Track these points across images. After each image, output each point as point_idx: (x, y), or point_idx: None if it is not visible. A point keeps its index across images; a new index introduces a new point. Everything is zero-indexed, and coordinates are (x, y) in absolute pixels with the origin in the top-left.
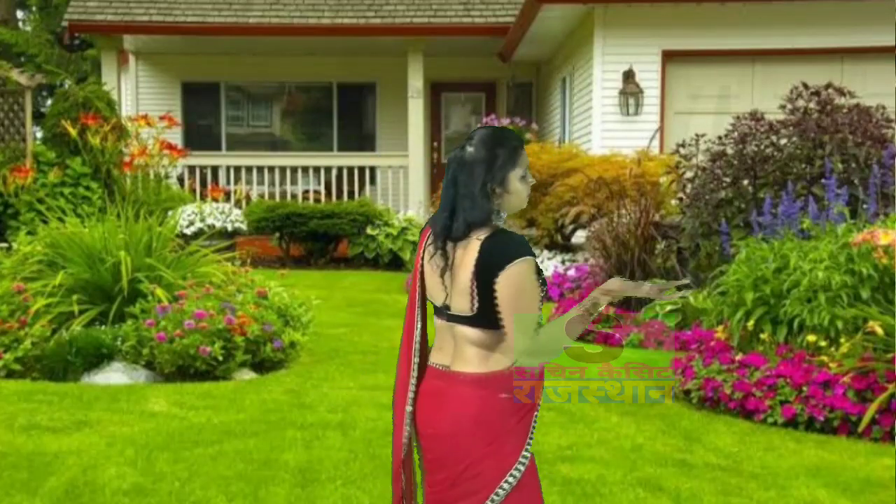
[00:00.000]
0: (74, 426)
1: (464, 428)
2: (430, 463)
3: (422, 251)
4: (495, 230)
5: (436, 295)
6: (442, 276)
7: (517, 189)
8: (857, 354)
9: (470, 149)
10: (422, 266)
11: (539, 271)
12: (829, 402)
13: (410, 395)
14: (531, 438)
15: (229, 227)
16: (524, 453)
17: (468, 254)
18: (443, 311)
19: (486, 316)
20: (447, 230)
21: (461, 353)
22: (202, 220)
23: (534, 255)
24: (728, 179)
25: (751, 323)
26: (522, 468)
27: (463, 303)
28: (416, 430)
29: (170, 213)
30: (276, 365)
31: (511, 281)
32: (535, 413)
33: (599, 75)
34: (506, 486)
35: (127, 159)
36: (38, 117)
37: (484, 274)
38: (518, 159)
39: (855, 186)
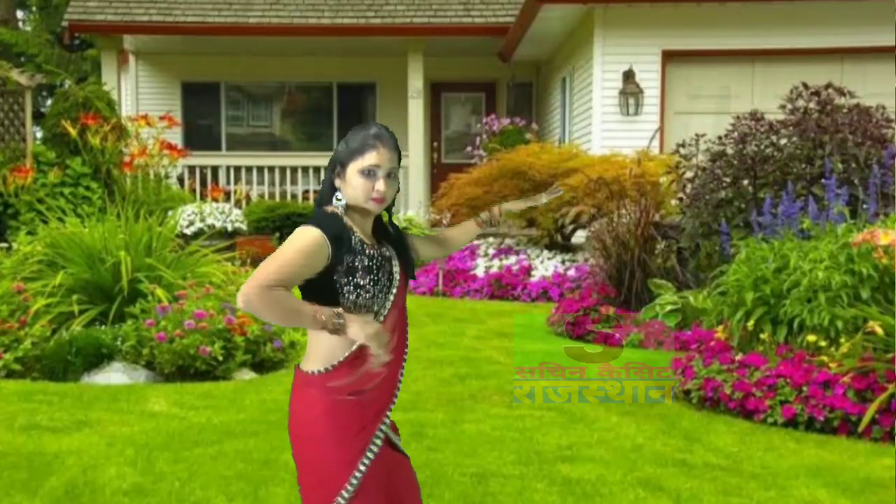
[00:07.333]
0: (74, 426)
1: None
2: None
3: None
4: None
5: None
6: None
7: (353, 182)
8: (857, 354)
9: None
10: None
11: (336, 243)
12: (829, 402)
13: None
14: None
15: (229, 227)
16: None
17: None
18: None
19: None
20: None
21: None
22: (202, 220)
23: (323, 228)
24: (728, 179)
25: (751, 323)
26: None
27: None
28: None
29: (170, 213)
30: (276, 365)
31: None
32: None
33: (599, 75)
34: None
35: (127, 159)
36: (38, 117)
37: None
38: (363, 155)
39: (855, 186)
